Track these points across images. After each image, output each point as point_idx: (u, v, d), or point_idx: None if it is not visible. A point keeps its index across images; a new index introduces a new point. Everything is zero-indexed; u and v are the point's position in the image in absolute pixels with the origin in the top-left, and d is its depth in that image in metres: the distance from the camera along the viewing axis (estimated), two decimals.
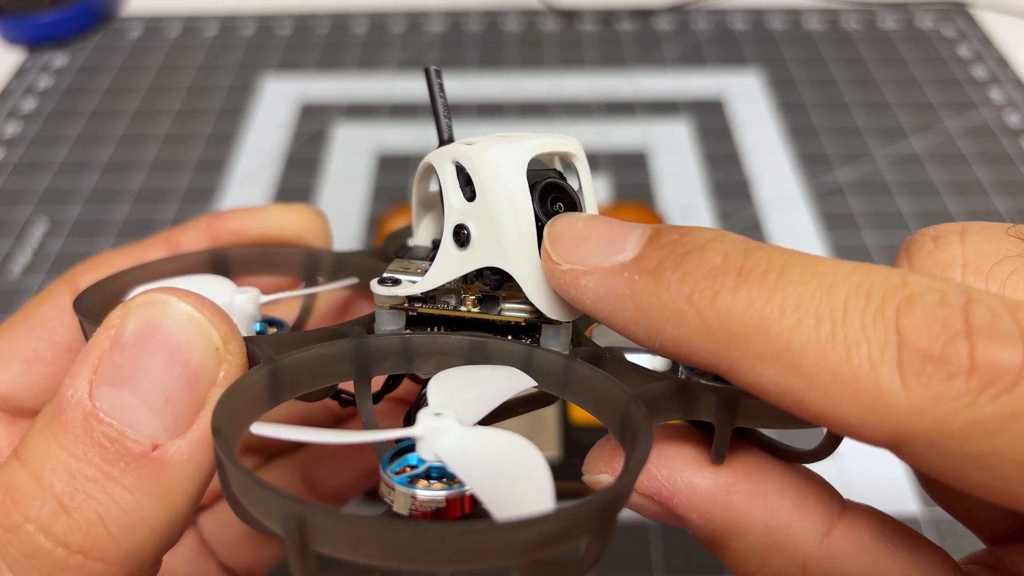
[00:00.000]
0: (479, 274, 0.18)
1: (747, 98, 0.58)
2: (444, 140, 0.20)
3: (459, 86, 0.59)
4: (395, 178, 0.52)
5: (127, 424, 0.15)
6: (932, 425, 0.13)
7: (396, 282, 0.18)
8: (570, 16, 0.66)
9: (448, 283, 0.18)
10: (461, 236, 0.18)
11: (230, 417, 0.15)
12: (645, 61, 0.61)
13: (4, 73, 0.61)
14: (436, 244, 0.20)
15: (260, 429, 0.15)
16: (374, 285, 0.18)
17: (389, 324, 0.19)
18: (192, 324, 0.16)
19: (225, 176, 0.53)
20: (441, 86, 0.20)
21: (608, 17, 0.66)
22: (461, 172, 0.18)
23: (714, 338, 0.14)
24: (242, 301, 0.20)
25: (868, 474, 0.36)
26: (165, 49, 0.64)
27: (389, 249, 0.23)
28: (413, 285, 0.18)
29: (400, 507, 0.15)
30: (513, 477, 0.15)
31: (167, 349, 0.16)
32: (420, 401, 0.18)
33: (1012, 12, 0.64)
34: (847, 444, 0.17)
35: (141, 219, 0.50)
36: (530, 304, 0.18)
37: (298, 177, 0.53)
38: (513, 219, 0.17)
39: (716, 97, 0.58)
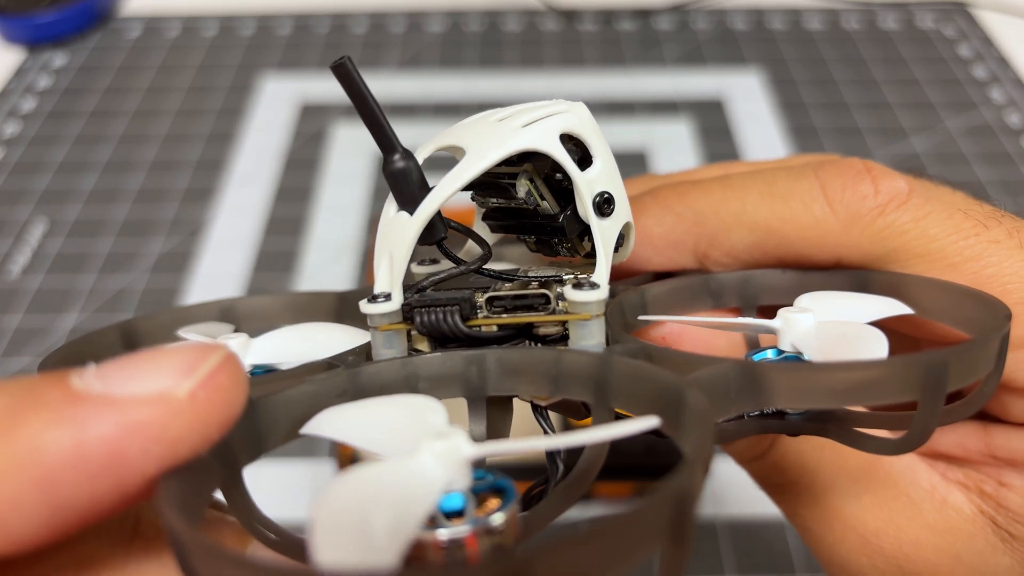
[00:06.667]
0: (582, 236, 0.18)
1: (747, 98, 0.58)
2: (397, 148, 0.17)
3: (459, 86, 0.59)
4: None
5: None
6: (858, 233, 0.19)
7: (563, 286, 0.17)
8: (570, 16, 0.66)
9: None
10: (611, 203, 0.17)
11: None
12: (645, 61, 0.61)
13: (4, 73, 0.61)
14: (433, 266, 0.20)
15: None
16: (571, 292, 0.16)
17: (595, 337, 0.17)
18: None
19: (225, 176, 0.52)
20: (363, 81, 0.16)
21: (608, 17, 0.66)
22: (569, 141, 0.17)
23: (687, 226, 0.20)
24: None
25: None
26: (164, 49, 0.64)
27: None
28: (598, 285, 0.17)
29: None
30: (858, 340, 0.16)
31: None
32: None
33: (1012, 12, 0.64)
34: None
35: (141, 219, 0.50)
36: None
37: (298, 177, 0.52)
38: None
39: (716, 97, 0.58)
